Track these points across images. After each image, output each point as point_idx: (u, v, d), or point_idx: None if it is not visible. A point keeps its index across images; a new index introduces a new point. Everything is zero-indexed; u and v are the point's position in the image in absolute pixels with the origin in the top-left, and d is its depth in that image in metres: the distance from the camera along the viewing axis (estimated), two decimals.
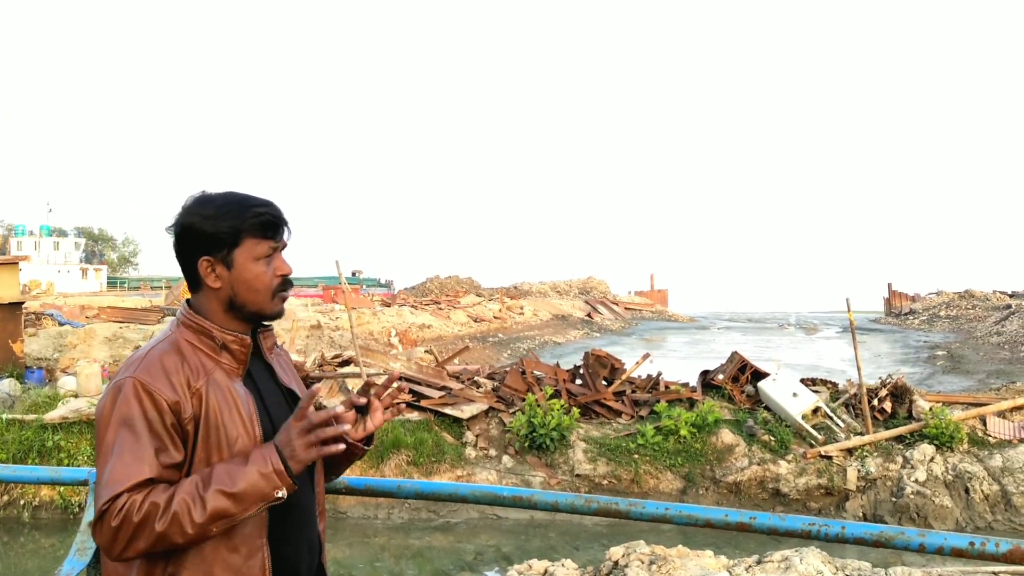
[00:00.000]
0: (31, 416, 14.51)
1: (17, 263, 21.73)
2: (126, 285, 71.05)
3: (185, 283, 2.19)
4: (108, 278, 72.80)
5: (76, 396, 15.30)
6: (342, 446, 1.98)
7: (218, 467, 1.94)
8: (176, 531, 1.85)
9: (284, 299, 2.18)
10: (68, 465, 13.89)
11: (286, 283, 2.16)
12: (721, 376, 16.51)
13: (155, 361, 2.01)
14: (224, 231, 2.05)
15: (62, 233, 73.48)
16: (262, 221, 2.08)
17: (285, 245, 2.17)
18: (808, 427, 14.59)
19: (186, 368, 2.02)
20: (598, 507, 2.28)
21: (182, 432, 1.98)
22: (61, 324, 28.35)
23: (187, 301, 2.18)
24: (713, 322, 69.06)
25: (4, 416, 14.57)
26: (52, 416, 14.33)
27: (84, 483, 2.85)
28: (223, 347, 2.08)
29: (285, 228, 2.16)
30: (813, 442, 14.45)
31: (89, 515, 2.79)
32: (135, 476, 1.88)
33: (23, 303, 21.84)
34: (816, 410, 15.04)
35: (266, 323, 2.22)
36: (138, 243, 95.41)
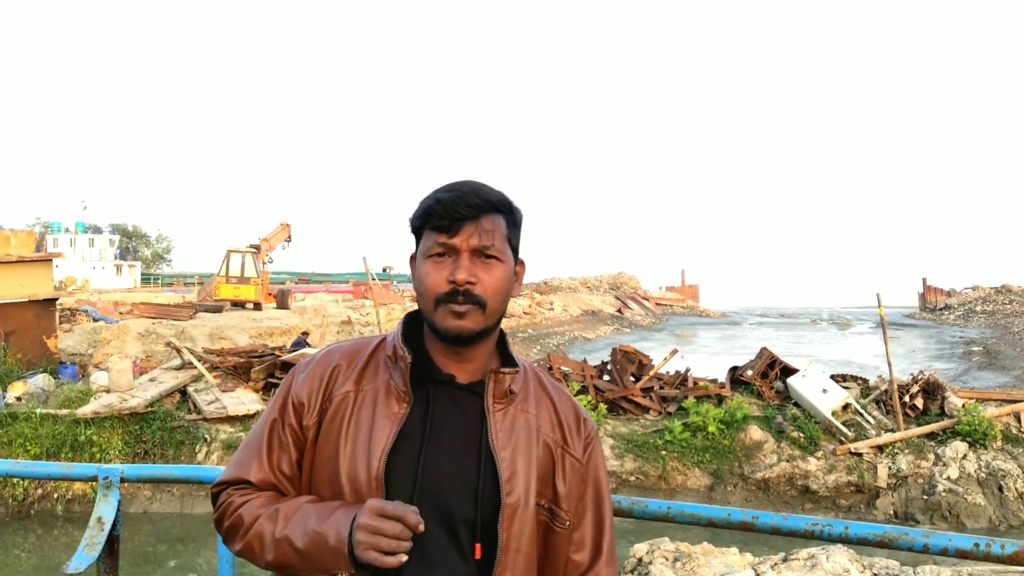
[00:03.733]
0: (64, 411, 14.73)
1: (51, 260, 22.06)
2: (160, 281, 71.78)
3: (218, 278, 1.94)
4: (142, 274, 73.62)
5: (108, 391, 15.50)
6: (401, 558, 1.51)
7: (306, 507, 1.63)
8: (253, 557, 1.65)
9: (457, 314, 1.66)
10: (100, 460, 14.09)
11: (456, 294, 1.65)
12: (750, 372, 16.40)
13: (324, 352, 1.79)
14: (412, 221, 1.74)
15: (97, 230, 74.51)
16: (426, 210, 1.69)
17: (480, 246, 1.67)
18: (838, 424, 14.45)
19: (346, 369, 1.74)
20: None
21: (302, 441, 1.72)
22: (95, 320, 28.74)
23: None
24: (745, 317, 68.64)
25: (38, 411, 14.80)
26: (84, 411, 14.53)
27: (93, 479, 2.86)
28: (393, 360, 1.73)
29: (470, 222, 1.67)
30: (843, 439, 14.31)
31: (99, 510, 2.82)
32: (240, 472, 1.71)
33: (57, 299, 22.18)
34: (846, 406, 14.90)
35: (507, 362, 1.77)
36: (172, 240, 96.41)
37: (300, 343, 26.00)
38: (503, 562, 1.62)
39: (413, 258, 1.75)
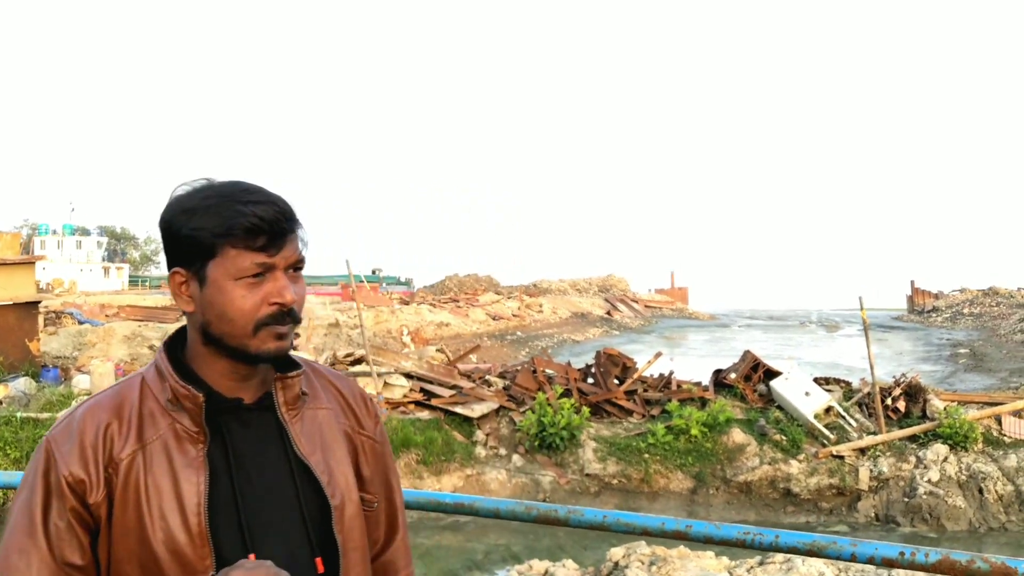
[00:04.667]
0: (45, 415, 14.68)
1: (34, 263, 21.99)
2: (147, 283, 71.57)
3: None
4: (130, 276, 73.40)
5: (89, 395, 15.43)
6: None
7: None
8: None
9: (280, 335, 1.52)
10: None
11: (283, 315, 1.51)
12: (733, 375, 16.43)
13: (83, 414, 1.50)
14: (199, 235, 1.47)
15: (84, 232, 74.29)
16: (246, 225, 1.46)
17: (296, 261, 1.54)
18: (820, 426, 14.49)
19: (120, 427, 1.49)
20: (538, 514, 2.26)
21: (90, 522, 1.46)
22: (81, 323, 28.68)
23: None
24: (734, 320, 68.74)
25: (19, 415, 14.74)
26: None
27: None
28: (176, 402, 1.51)
29: (290, 237, 1.52)
30: (825, 441, 14.35)
31: None
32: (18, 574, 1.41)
33: (40, 302, 22.10)
34: (829, 409, 14.94)
35: (290, 365, 1.62)
36: (159, 242, 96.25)
37: None
38: (346, 566, 1.56)
39: (184, 273, 1.52)
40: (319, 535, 1.54)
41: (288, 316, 1.52)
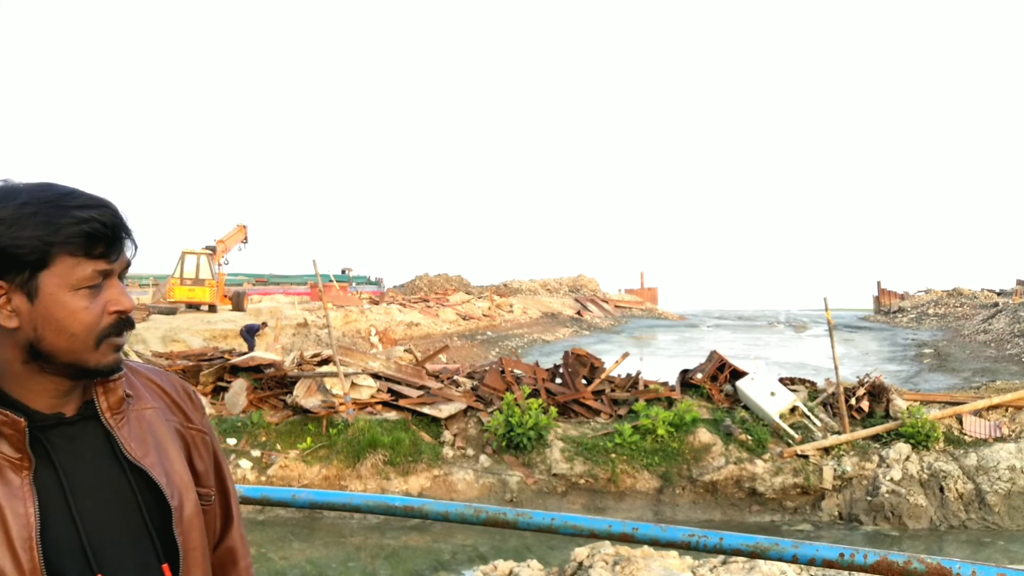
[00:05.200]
0: None
1: None
2: None
3: (173, 279, 1.54)
4: None
5: None
6: None
7: None
8: None
9: (118, 347, 1.46)
10: None
11: (123, 324, 1.46)
12: (700, 375, 16.52)
13: None
14: (25, 244, 1.35)
15: None
16: (86, 231, 1.38)
17: (127, 265, 1.47)
18: (785, 426, 14.61)
19: None
20: (487, 517, 2.26)
21: None
22: None
23: None
24: (703, 320, 69.20)
25: None
26: None
27: None
28: None
29: (125, 242, 1.46)
30: (790, 441, 14.47)
31: None
32: None
33: None
34: (794, 409, 15.07)
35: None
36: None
37: (253, 328, 25.75)
38: (187, 567, 1.50)
39: (3, 287, 1.38)
40: (163, 540, 1.48)
41: (127, 324, 1.47)
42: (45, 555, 1.34)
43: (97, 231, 1.40)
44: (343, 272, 64.38)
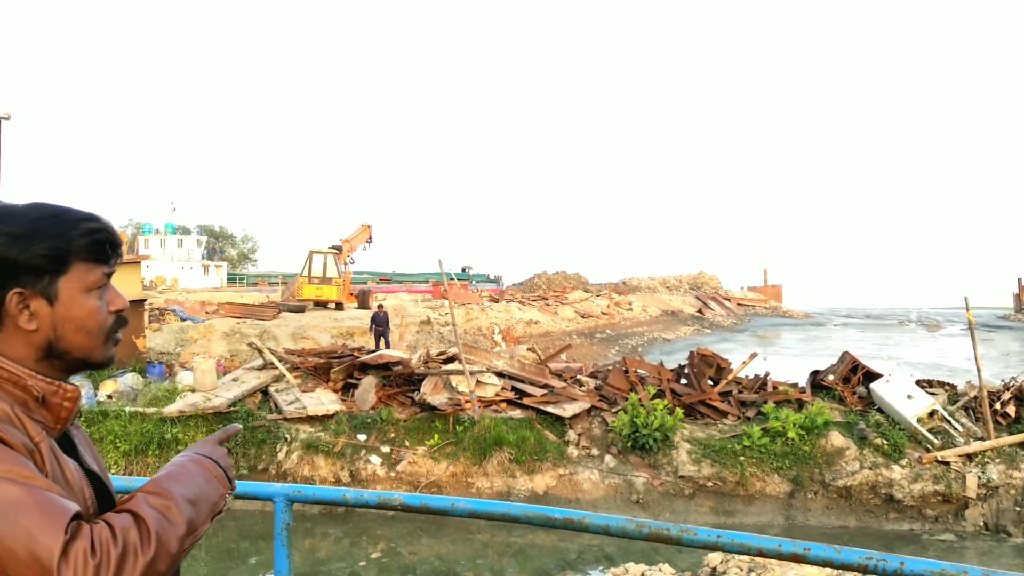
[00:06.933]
0: (151, 409, 15.21)
1: (139, 262, 22.78)
2: (245, 281, 73.49)
3: (301, 278, 1.72)
4: (228, 274, 75.43)
5: (193, 391, 15.95)
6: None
7: (152, 481, 1.52)
8: (163, 555, 1.39)
9: (117, 342, 1.67)
10: None
11: (121, 321, 1.66)
12: (831, 377, 16.02)
13: None
14: (43, 254, 1.52)
15: (185, 231, 76.67)
16: (96, 240, 1.58)
17: (114, 271, 1.67)
18: (924, 431, 14.02)
19: (15, 413, 1.48)
20: (649, 532, 2.23)
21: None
22: (183, 319, 29.62)
23: None
24: (829, 318, 67.15)
25: (127, 409, 15.31)
26: (170, 410, 14.98)
27: None
28: (41, 401, 1.53)
29: (119, 250, 1.66)
30: (929, 446, 13.87)
31: None
32: (68, 509, 1.34)
33: (145, 300, 22.92)
34: (932, 413, 14.43)
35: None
36: (257, 240, 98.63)
37: (382, 320, 26.25)
38: None
39: (24, 293, 1.53)
40: None
41: (124, 321, 1.68)
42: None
43: (106, 240, 1.62)
44: (463, 270, 65.29)
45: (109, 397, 16.36)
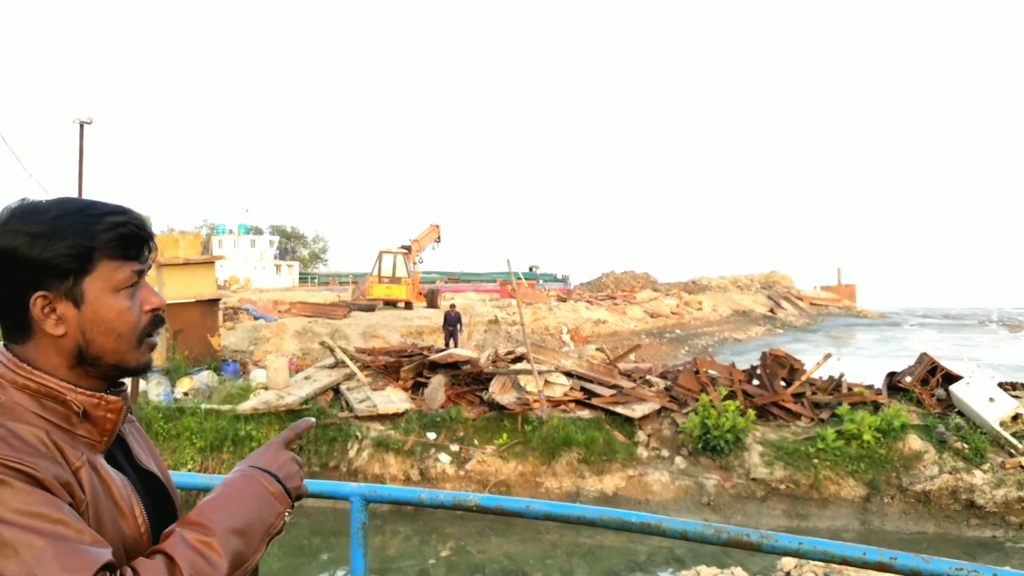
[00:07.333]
0: (226, 407, 15.53)
1: (214, 262, 23.27)
2: (316, 280, 74.64)
3: (371, 278, 1.51)
4: (299, 274, 76.69)
5: (266, 388, 16.24)
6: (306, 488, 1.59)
7: (197, 509, 1.41)
8: None
9: (153, 346, 1.53)
10: None
11: (157, 321, 1.53)
12: (909, 378, 15.63)
13: (5, 433, 1.32)
14: (65, 253, 1.40)
15: (258, 231, 78.21)
16: (122, 234, 1.45)
17: (150, 266, 1.54)
18: (1007, 435, 13.58)
19: (51, 439, 1.36)
20: (728, 538, 2.18)
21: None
22: (256, 318, 30.20)
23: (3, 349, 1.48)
24: (906, 318, 65.54)
25: (203, 406, 15.66)
26: (244, 407, 15.28)
27: None
28: (84, 416, 1.44)
29: (150, 245, 1.52)
30: (1013, 451, 13.44)
31: None
32: (94, 561, 1.22)
33: (220, 299, 23.41)
34: (1016, 416, 13.99)
35: (121, 381, 1.55)
36: (327, 240, 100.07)
37: (453, 319, 26.40)
38: None
39: (48, 296, 1.42)
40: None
41: (160, 322, 1.53)
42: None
43: (133, 233, 1.47)
44: (531, 269, 65.30)
45: (185, 395, 16.75)
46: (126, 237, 1.46)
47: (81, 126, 21.81)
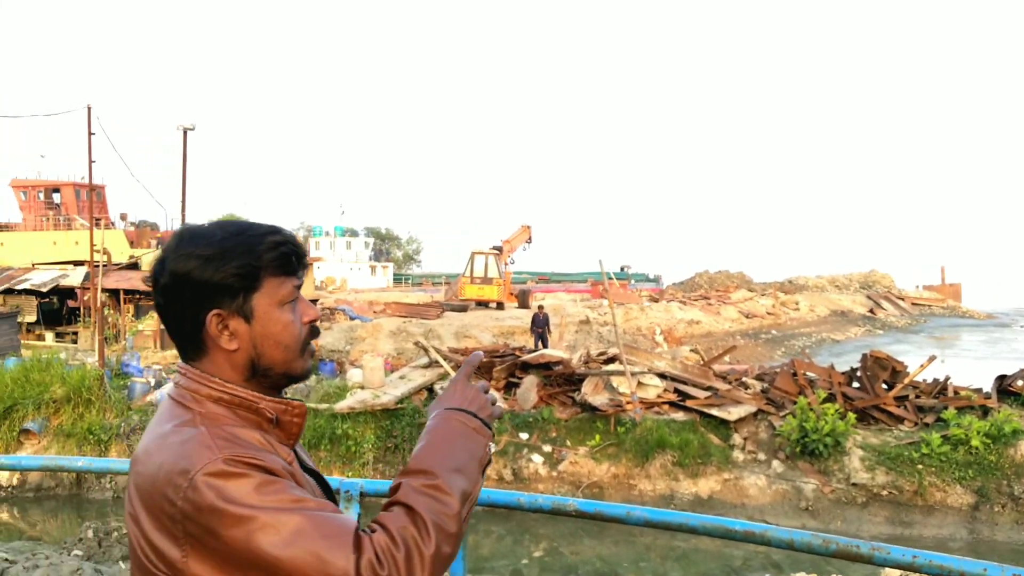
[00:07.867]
0: (323, 405, 15.84)
1: (311, 264, 23.76)
2: (410, 281, 75.53)
3: (463, 278, 1.63)
4: (394, 274, 77.64)
5: (362, 388, 16.51)
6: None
7: (413, 459, 1.52)
8: (444, 539, 1.41)
9: (312, 354, 1.66)
10: (355, 452, 15.07)
11: (314, 331, 1.64)
12: (1021, 382, 15.00)
13: (227, 437, 1.46)
14: (235, 273, 1.52)
15: (353, 233, 79.45)
16: (283, 252, 1.57)
17: (303, 283, 1.67)
18: None
19: (266, 439, 1.53)
20: (837, 549, 2.12)
21: None
22: (352, 318, 30.74)
23: (183, 370, 1.60)
24: (1015, 319, 62.82)
25: None
26: (341, 406, 15.56)
27: (336, 491, 3.04)
28: (275, 422, 1.56)
29: (304, 261, 1.65)
30: None
31: None
32: (346, 525, 1.38)
33: (317, 300, 23.91)
34: None
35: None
36: (421, 241, 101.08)
37: (542, 321, 26.39)
38: None
39: (222, 314, 1.53)
40: None
41: (317, 332, 1.66)
42: None
43: (293, 251, 1.60)
44: (622, 269, 64.87)
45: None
46: (286, 255, 1.58)
47: (184, 133, 22.50)
